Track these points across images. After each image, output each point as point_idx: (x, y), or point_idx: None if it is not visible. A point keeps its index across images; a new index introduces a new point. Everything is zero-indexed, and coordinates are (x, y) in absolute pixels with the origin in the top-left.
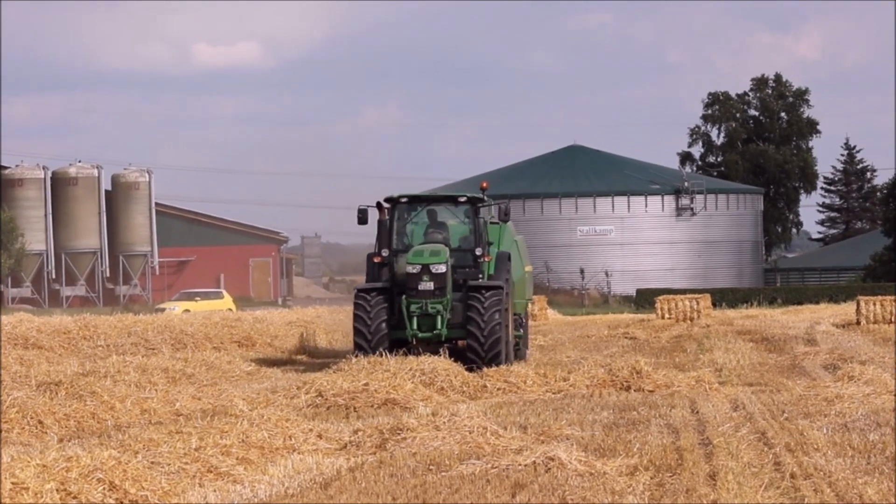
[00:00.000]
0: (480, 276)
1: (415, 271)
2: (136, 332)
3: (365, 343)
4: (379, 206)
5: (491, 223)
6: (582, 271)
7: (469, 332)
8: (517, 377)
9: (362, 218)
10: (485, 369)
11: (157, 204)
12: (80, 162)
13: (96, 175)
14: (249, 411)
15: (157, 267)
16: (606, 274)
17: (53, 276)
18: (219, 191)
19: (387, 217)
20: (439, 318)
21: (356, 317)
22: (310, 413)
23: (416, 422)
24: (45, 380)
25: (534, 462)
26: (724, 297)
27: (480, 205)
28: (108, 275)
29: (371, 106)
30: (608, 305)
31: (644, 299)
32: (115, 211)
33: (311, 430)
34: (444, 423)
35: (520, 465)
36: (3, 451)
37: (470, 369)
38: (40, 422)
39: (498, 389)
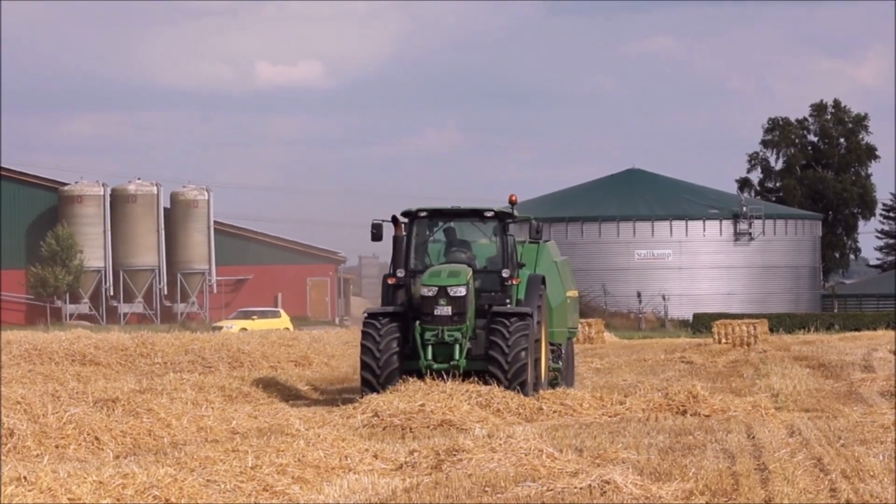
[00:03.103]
0: (508, 301)
1: (430, 294)
2: (193, 350)
3: (372, 378)
4: (394, 220)
5: (529, 242)
6: (639, 295)
7: (491, 360)
8: (573, 400)
9: (376, 234)
10: (541, 391)
11: (215, 222)
12: (139, 179)
13: (155, 193)
14: (306, 430)
15: (214, 285)
16: (663, 298)
17: (111, 293)
18: (277, 210)
19: (403, 233)
20: (457, 347)
21: (363, 347)
22: (366, 433)
23: (472, 443)
24: (103, 396)
25: (589, 485)
26: (781, 323)
27: (509, 221)
28: (165, 292)
29: (430, 127)
30: (665, 329)
31: (701, 324)
32: (173, 229)
33: (366, 450)
34: (500, 444)
35: (575, 488)
36: (61, 466)
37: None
38: (97, 438)
39: (554, 412)
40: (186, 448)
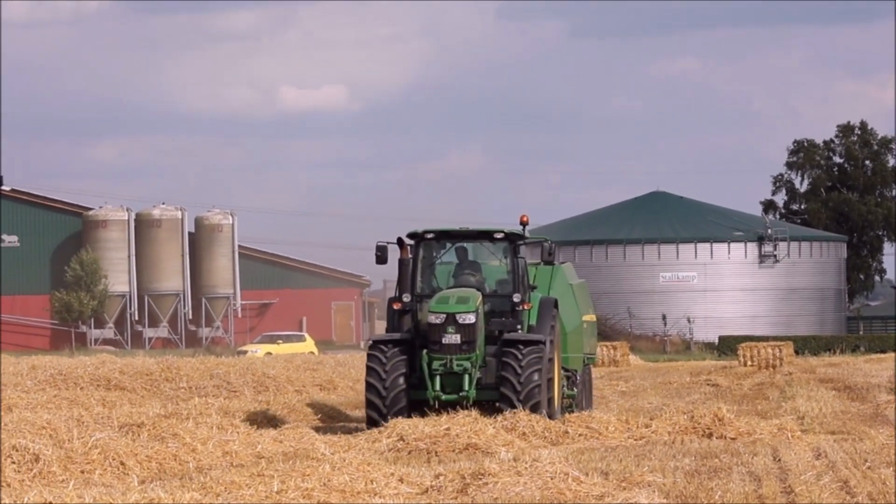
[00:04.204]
0: (519, 326)
1: (438, 321)
2: (218, 375)
3: (378, 416)
4: (400, 242)
5: (544, 264)
6: (664, 317)
7: (503, 395)
8: (599, 423)
9: (380, 256)
10: (566, 415)
11: (239, 246)
12: (163, 204)
13: (180, 217)
14: (331, 455)
15: (239, 309)
16: (688, 320)
17: (136, 318)
18: (302, 234)
19: (409, 255)
20: (466, 377)
21: (368, 384)
22: (391, 457)
23: (498, 467)
24: (128, 421)
25: None
26: (806, 345)
27: (520, 242)
28: (190, 317)
29: (454, 150)
30: (690, 352)
31: (726, 346)
32: (198, 253)
33: (392, 474)
34: (526, 468)
35: None
36: (86, 492)
37: None
38: (122, 463)
39: (580, 435)
40: (212, 473)
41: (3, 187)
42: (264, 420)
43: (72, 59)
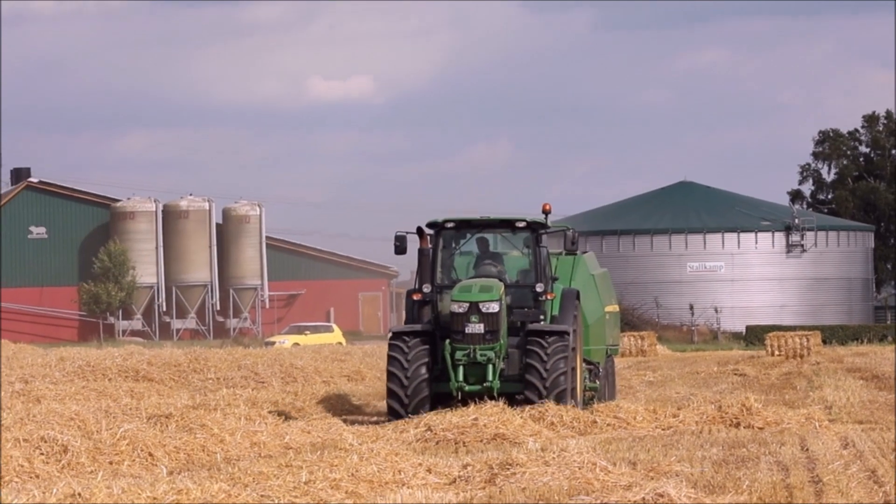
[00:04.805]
0: (542, 317)
1: (461, 311)
2: (246, 366)
3: (400, 407)
4: (420, 232)
5: (567, 253)
6: (691, 307)
7: (528, 384)
8: (627, 413)
9: (399, 246)
10: (595, 405)
11: (267, 237)
12: (191, 195)
13: (207, 208)
14: (359, 445)
15: (267, 300)
16: (716, 310)
17: (164, 309)
18: (329, 225)
19: (429, 245)
20: (490, 367)
21: (389, 373)
22: (419, 447)
23: (526, 457)
24: (156, 412)
25: (643, 498)
26: (833, 335)
27: (542, 231)
28: (218, 308)
29: (482, 142)
30: (717, 342)
31: (753, 336)
32: (225, 244)
33: (420, 464)
34: (554, 458)
35: (629, 501)
36: (115, 482)
37: None
38: (150, 454)
39: (608, 425)
40: (240, 463)
41: (31, 179)
42: (292, 411)
43: (99, 52)
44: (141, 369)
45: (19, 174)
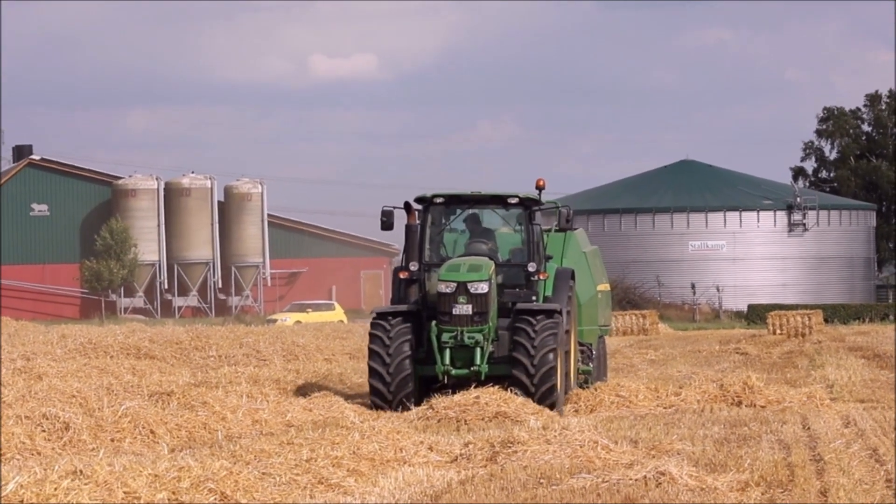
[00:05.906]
0: (534, 297)
1: (448, 291)
2: (247, 343)
3: (382, 386)
4: (407, 207)
5: (557, 231)
6: (693, 286)
7: (515, 362)
8: (628, 391)
9: (386, 222)
10: (597, 383)
11: (269, 215)
12: (193, 173)
13: (209, 186)
14: (360, 423)
15: (268, 278)
16: (717, 289)
17: (166, 287)
18: (331, 203)
19: (417, 221)
20: (478, 350)
21: (371, 351)
22: (420, 425)
23: (527, 435)
24: (157, 390)
25: (644, 476)
26: (835, 314)
27: (536, 208)
28: (220, 286)
29: (486, 120)
30: (719, 320)
31: (755, 315)
32: (227, 222)
33: (421, 442)
34: (555, 436)
35: (630, 479)
36: (116, 460)
37: None
38: (152, 431)
39: (610, 403)
40: (241, 441)
41: (33, 156)
42: (294, 388)
43: (102, 30)
44: (143, 347)
45: (21, 151)
